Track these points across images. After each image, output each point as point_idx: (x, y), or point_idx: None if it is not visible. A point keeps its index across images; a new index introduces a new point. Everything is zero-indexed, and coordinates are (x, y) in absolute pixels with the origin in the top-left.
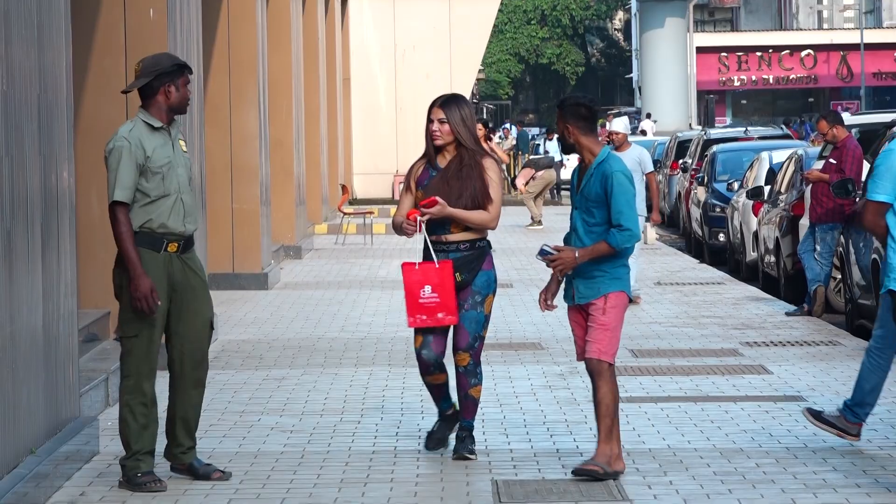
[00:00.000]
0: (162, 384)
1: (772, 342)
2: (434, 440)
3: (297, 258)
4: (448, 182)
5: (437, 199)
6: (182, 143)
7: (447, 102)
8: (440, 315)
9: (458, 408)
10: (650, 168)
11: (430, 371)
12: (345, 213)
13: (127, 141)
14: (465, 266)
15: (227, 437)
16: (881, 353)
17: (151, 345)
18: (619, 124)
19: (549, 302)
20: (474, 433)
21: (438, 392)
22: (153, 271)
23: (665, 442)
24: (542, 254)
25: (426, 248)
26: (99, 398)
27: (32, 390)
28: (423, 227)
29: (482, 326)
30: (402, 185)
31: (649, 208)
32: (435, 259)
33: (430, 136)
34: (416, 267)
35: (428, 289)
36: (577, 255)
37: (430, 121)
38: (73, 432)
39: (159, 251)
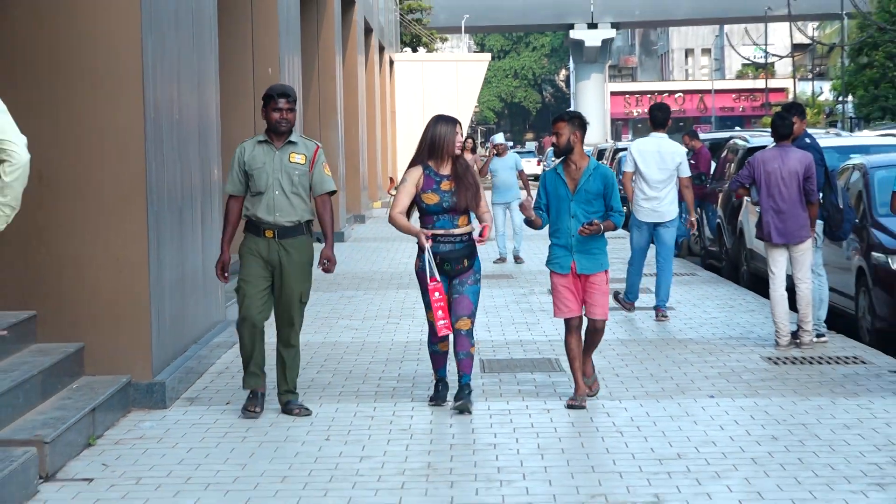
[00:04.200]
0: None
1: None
2: (438, 399)
3: (361, 223)
4: (464, 189)
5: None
6: (294, 155)
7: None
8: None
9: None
10: (521, 168)
11: (446, 338)
12: (391, 194)
13: (237, 149)
14: (470, 255)
15: (317, 333)
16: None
17: (246, 297)
18: (501, 137)
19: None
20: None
21: (443, 360)
22: (255, 250)
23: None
24: (587, 221)
25: (427, 259)
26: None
27: (195, 304)
28: (428, 247)
29: (479, 297)
30: (402, 184)
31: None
32: (435, 268)
33: (453, 146)
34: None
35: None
36: (600, 228)
37: (456, 132)
38: (221, 330)
39: (260, 236)
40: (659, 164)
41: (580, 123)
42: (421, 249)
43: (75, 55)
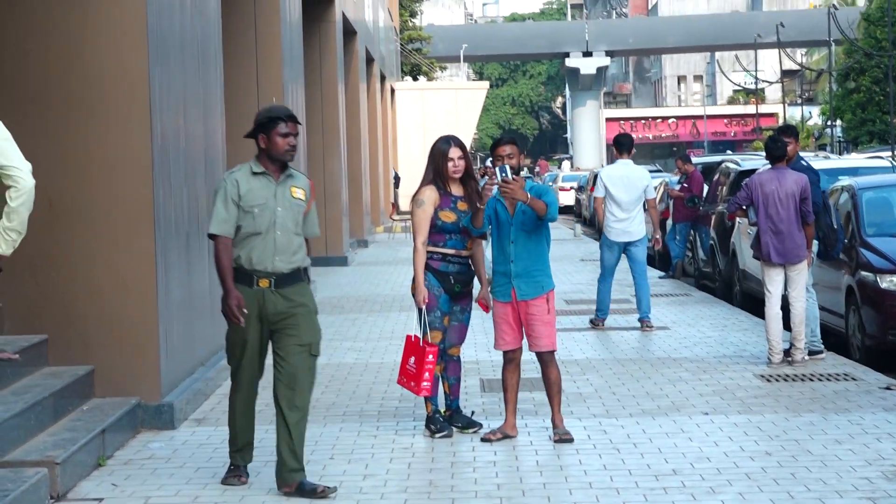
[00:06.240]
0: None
1: (650, 294)
2: (447, 430)
3: (364, 247)
4: (477, 213)
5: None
6: (296, 190)
7: (460, 143)
8: (412, 384)
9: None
10: None
11: (440, 362)
12: (393, 220)
13: (225, 181)
14: (472, 278)
15: (322, 354)
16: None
17: (241, 367)
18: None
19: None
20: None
21: (437, 385)
22: (246, 305)
23: (584, 355)
24: (502, 171)
25: (422, 320)
26: None
27: (202, 327)
28: (425, 308)
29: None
30: (419, 206)
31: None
32: (428, 330)
33: (450, 171)
34: (413, 339)
35: (412, 360)
36: (528, 197)
37: (449, 159)
38: None
39: (251, 286)
40: (627, 187)
41: (519, 144)
42: (419, 306)
43: (85, 85)
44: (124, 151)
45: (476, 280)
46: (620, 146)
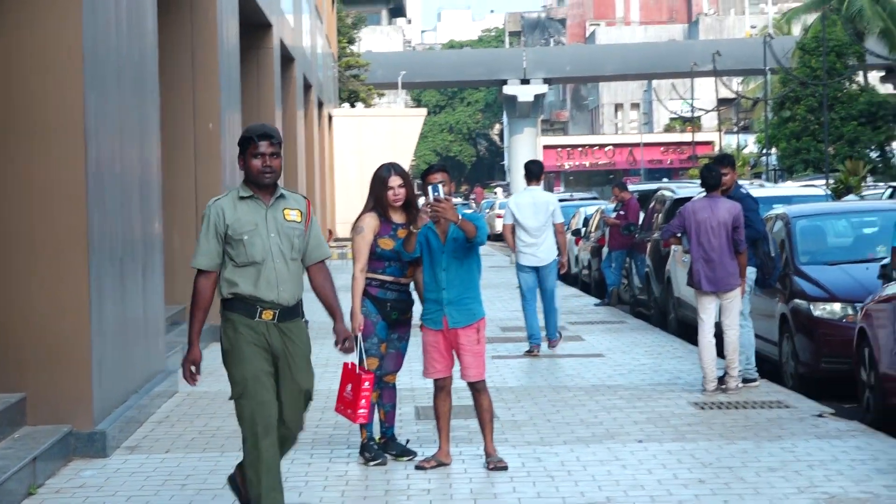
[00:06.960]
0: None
1: (586, 322)
2: (380, 458)
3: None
4: (409, 238)
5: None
6: (289, 212)
7: (402, 171)
8: (349, 411)
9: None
10: None
11: (376, 389)
12: (331, 246)
13: (210, 210)
14: (410, 306)
15: None
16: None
17: (259, 405)
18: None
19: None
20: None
21: (372, 413)
22: (251, 336)
23: (518, 382)
24: (434, 190)
25: (358, 347)
26: (178, 359)
27: (137, 353)
28: (360, 335)
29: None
30: (358, 233)
31: None
32: (365, 357)
33: (390, 199)
34: (349, 367)
35: (349, 387)
36: (458, 217)
37: (389, 187)
38: (162, 379)
39: (254, 318)
40: (534, 213)
41: (450, 172)
42: (355, 333)
43: (19, 109)
44: (58, 176)
45: (415, 309)
46: (529, 173)
